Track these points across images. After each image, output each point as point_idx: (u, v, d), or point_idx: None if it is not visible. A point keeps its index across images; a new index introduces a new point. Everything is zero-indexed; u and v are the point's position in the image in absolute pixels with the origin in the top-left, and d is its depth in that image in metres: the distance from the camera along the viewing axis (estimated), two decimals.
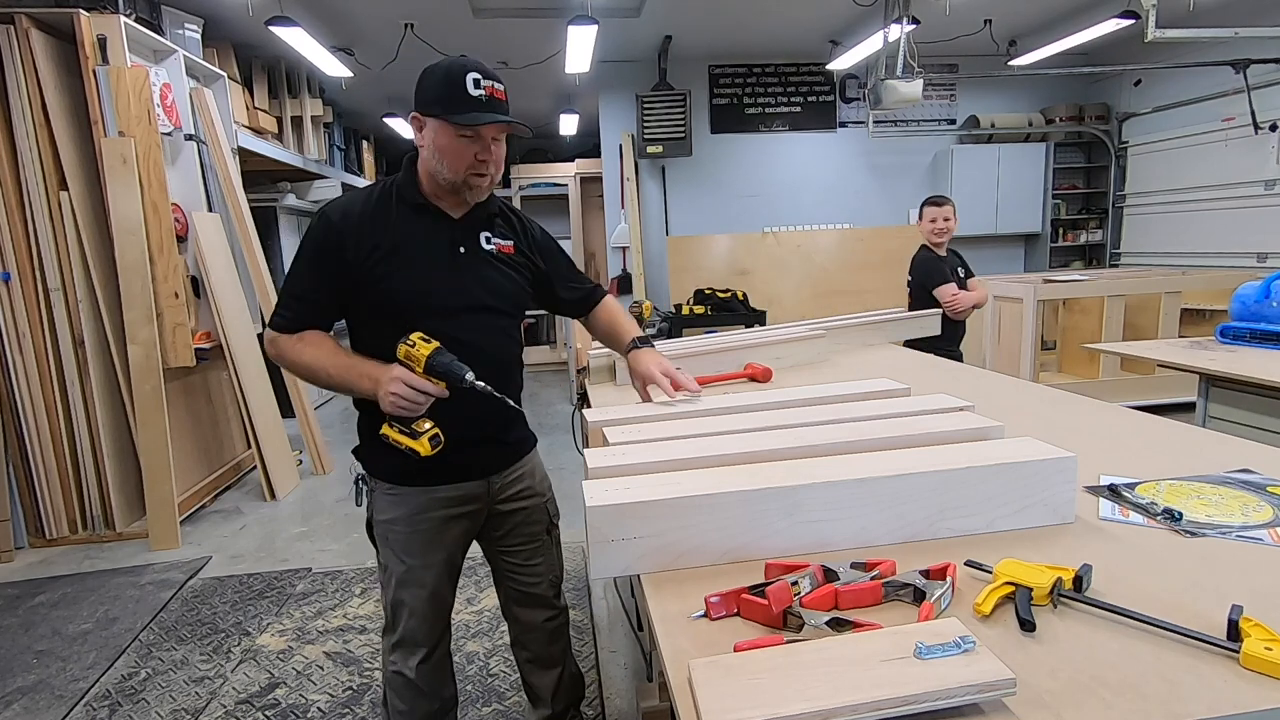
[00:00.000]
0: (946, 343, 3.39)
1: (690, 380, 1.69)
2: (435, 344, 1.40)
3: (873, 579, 0.96)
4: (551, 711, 1.90)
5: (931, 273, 3.51)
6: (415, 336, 1.40)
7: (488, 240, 1.58)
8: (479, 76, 1.40)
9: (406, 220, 1.50)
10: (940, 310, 3.49)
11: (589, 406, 2.00)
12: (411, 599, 1.62)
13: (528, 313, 1.80)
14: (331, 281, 1.49)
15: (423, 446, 1.42)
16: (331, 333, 1.56)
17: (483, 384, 1.40)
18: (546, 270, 1.71)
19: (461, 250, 1.53)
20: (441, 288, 1.50)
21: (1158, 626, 0.84)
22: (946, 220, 3.48)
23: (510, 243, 1.62)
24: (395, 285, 1.47)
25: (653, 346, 1.78)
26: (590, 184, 8.73)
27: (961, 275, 3.53)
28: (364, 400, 1.53)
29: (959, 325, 3.52)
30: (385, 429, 1.44)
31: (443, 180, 1.47)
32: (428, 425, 1.43)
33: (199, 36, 4.66)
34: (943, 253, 3.55)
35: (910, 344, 3.28)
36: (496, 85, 1.43)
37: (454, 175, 1.45)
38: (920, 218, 3.61)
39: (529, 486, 1.73)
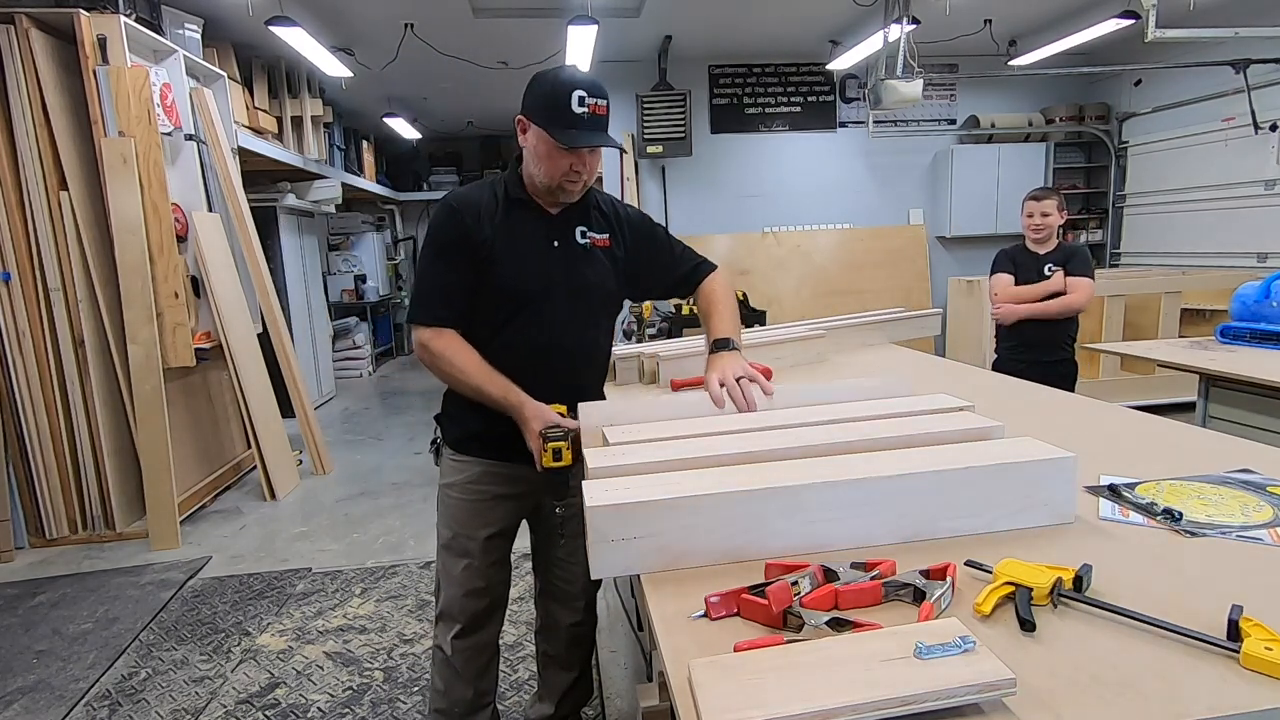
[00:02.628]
0: (1018, 349, 3.18)
1: (752, 400, 1.53)
2: (549, 460, 1.47)
3: (873, 579, 0.96)
4: (555, 712, 1.90)
5: (995, 263, 3.30)
6: (571, 432, 1.48)
7: (583, 235, 1.63)
8: (584, 94, 1.45)
9: (509, 214, 1.57)
10: (938, 311, 3.49)
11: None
12: (452, 567, 1.68)
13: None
14: (462, 265, 1.54)
15: (567, 455, 1.50)
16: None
17: (560, 508, 1.59)
18: (647, 256, 1.75)
19: (555, 244, 1.60)
20: (535, 280, 1.57)
21: (1158, 626, 0.84)
22: (1045, 216, 3.15)
23: (606, 236, 1.67)
24: (496, 273, 1.54)
25: (736, 350, 1.68)
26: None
27: (1048, 272, 3.14)
28: None
29: (1027, 327, 3.17)
30: (544, 460, 1.51)
31: (538, 182, 1.55)
32: (561, 443, 1.50)
33: (199, 36, 4.66)
34: (1043, 249, 3.21)
35: (998, 367, 3.16)
36: (600, 103, 1.48)
37: (549, 180, 1.53)
38: (1022, 212, 3.27)
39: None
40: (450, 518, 1.68)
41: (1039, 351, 3.14)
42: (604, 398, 1.77)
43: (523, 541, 1.81)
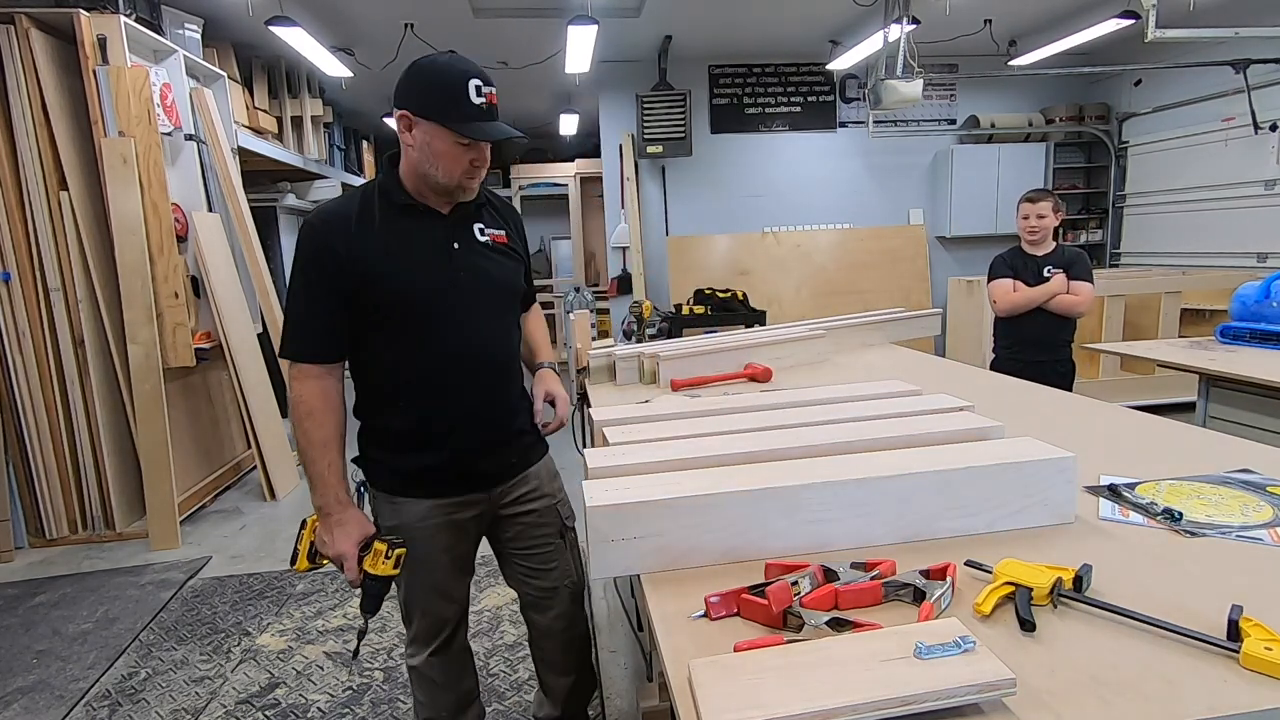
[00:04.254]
0: (1015, 348, 3.18)
1: (561, 418, 1.69)
2: (388, 568, 1.44)
3: (873, 579, 0.96)
4: (561, 714, 1.89)
5: (991, 269, 3.27)
6: (396, 551, 1.44)
7: (481, 232, 1.53)
8: (480, 83, 1.36)
9: (394, 221, 1.45)
10: (938, 311, 3.48)
11: (589, 406, 2.00)
12: (419, 599, 1.63)
13: None
14: (332, 291, 1.40)
15: (303, 564, 1.54)
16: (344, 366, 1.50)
17: (359, 641, 1.56)
18: (526, 265, 1.67)
19: (455, 245, 1.49)
20: (439, 285, 1.45)
21: (1158, 626, 0.84)
22: (1041, 218, 3.13)
23: (502, 231, 1.57)
24: (388, 286, 1.42)
25: (556, 373, 1.77)
26: (590, 184, 8.72)
27: (1047, 275, 3.13)
28: (363, 410, 1.54)
29: (1025, 327, 3.15)
30: (310, 522, 1.51)
31: (434, 183, 1.44)
32: (325, 561, 1.51)
33: (199, 36, 4.66)
34: (1040, 251, 3.20)
35: (996, 366, 3.16)
36: (493, 91, 1.39)
37: (448, 179, 1.42)
38: (1016, 214, 3.26)
39: (535, 488, 1.67)
40: (408, 561, 1.51)
41: (1037, 351, 3.14)
42: (530, 401, 1.69)
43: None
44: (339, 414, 1.45)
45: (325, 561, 1.49)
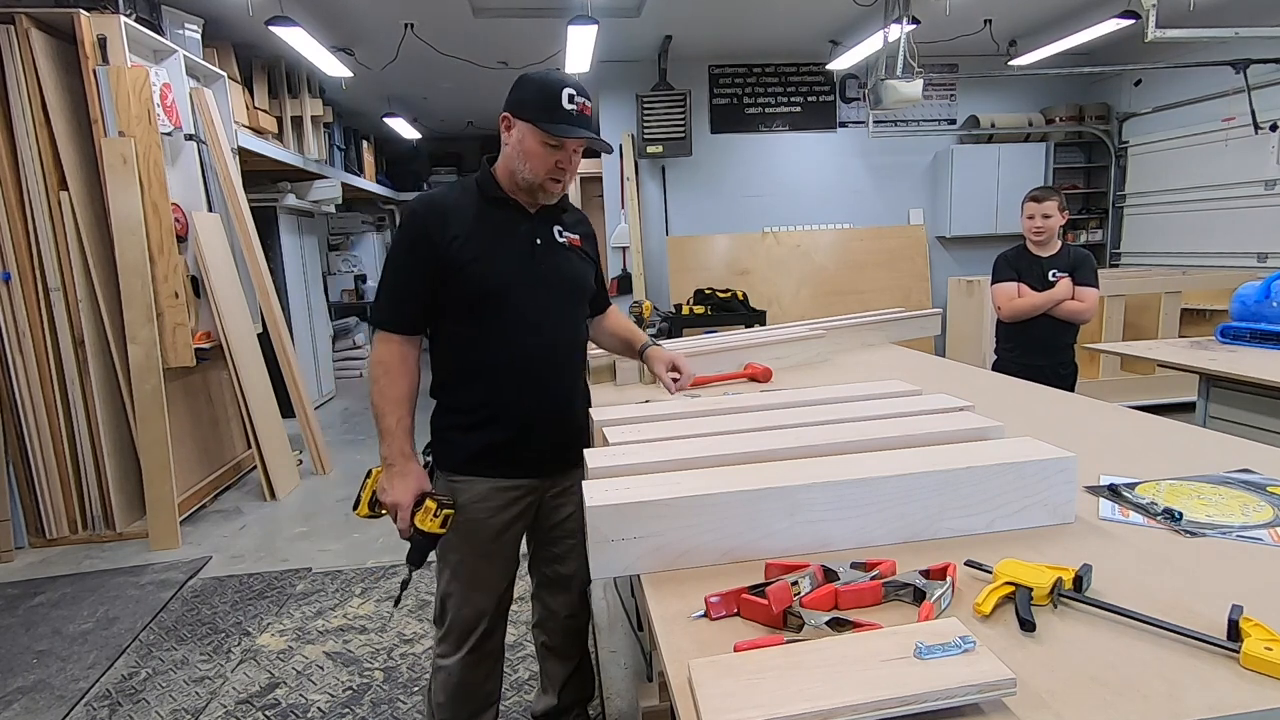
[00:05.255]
0: (1017, 350, 3.14)
1: (688, 379, 1.84)
2: (435, 525, 1.55)
3: (873, 579, 0.96)
4: (559, 703, 1.92)
5: (995, 270, 3.23)
6: (448, 511, 1.56)
7: (560, 233, 1.66)
8: (573, 92, 1.50)
9: (485, 213, 1.58)
10: (938, 311, 3.47)
11: (590, 406, 2.00)
12: (460, 590, 1.67)
13: None
14: (422, 270, 1.54)
15: (363, 511, 1.62)
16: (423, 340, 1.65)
17: (401, 590, 1.70)
18: (597, 271, 1.81)
19: (538, 241, 1.61)
20: (520, 276, 1.57)
21: (1158, 626, 0.84)
22: (1047, 218, 3.06)
23: (578, 236, 1.71)
24: (476, 272, 1.53)
25: (660, 346, 1.95)
26: (590, 184, 8.72)
27: (1052, 278, 3.08)
28: (438, 389, 1.67)
29: (1028, 330, 3.12)
30: (369, 481, 1.62)
31: (521, 180, 1.56)
32: (383, 512, 1.59)
33: (199, 36, 4.66)
34: (1045, 252, 3.13)
35: (997, 368, 3.15)
36: (587, 103, 1.53)
37: (533, 177, 1.54)
38: (1021, 213, 3.19)
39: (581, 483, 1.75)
40: (458, 540, 1.64)
41: (1040, 354, 3.10)
42: (589, 393, 1.83)
43: None
44: (413, 376, 1.58)
45: (383, 511, 1.58)
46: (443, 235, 1.52)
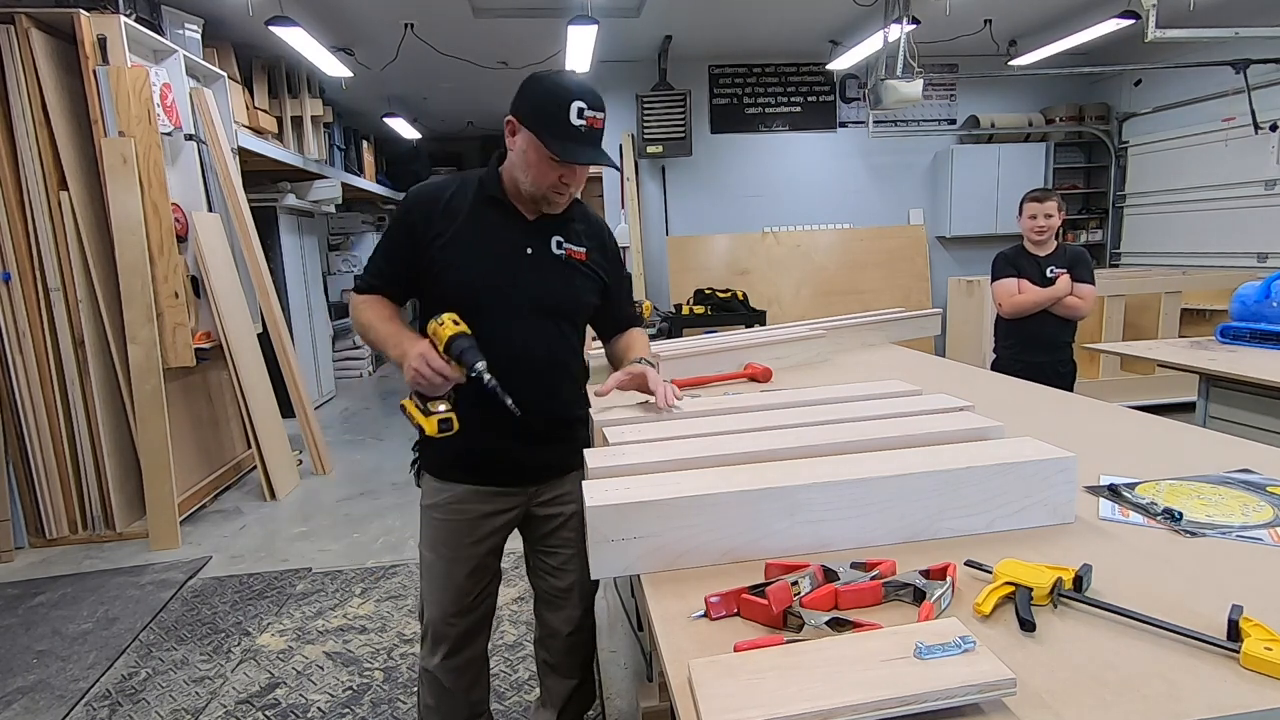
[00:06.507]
0: (1017, 348, 3.17)
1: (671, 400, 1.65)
2: (462, 328, 1.41)
3: (873, 579, 0.96)
4: (558, 718, 1.89)
5: (994, 268, 3.26)
6: (447, 316, 1.42)
7: (559, 245, 1.57)
8: (584, 106, 1.40)
9: (480, 213, 1.52)
10: (938, 311, 3.47)
11: (585, 415, 2.00)
12: (438, 592, 1.64)
13: None
14: (401, 254, 1.54)
15: (430, 425, 1.43)
16: (403, 307, 1.64)
17: (491, 379, 1.39)
18: (610, 286, 1.69)
19: (529, 251, 1.54)
20: (499, 283, 1.51)
21: (1158, 626, 0.84)
22: (1049, 217, 3.11)
23: (584, 249, 1.60)
24: (455, 275, 1.49)
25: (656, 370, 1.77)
26: (590, 183, 8.71)
27: (1051, 275, 3.12)
28: None
29: (1028, 327, 3.15)
30: (405, 401, 1.49)
31: (523, 189, 1.50)
32: (442, 407, 1.44)
33: (199, 36, 4.66)
34: (1043, 252, 3.18)
35: (996, 367, 3.16)
36: (598, 115, 1.43)
37: (534, 189, 1.48)
38: (1020, 214, 3.22)
39: (569, 492, 1.68)
40: (433, 539, 1.63)
41: (1039, 351, 3.13)
42: (588, 403, 1.73)
43: (516, 543, 1.79)
44: (394, 308, 1.59)
45: (441, 409, 1.44)
46: (426, 232, 1.50)
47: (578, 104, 1.40)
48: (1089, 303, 3.12)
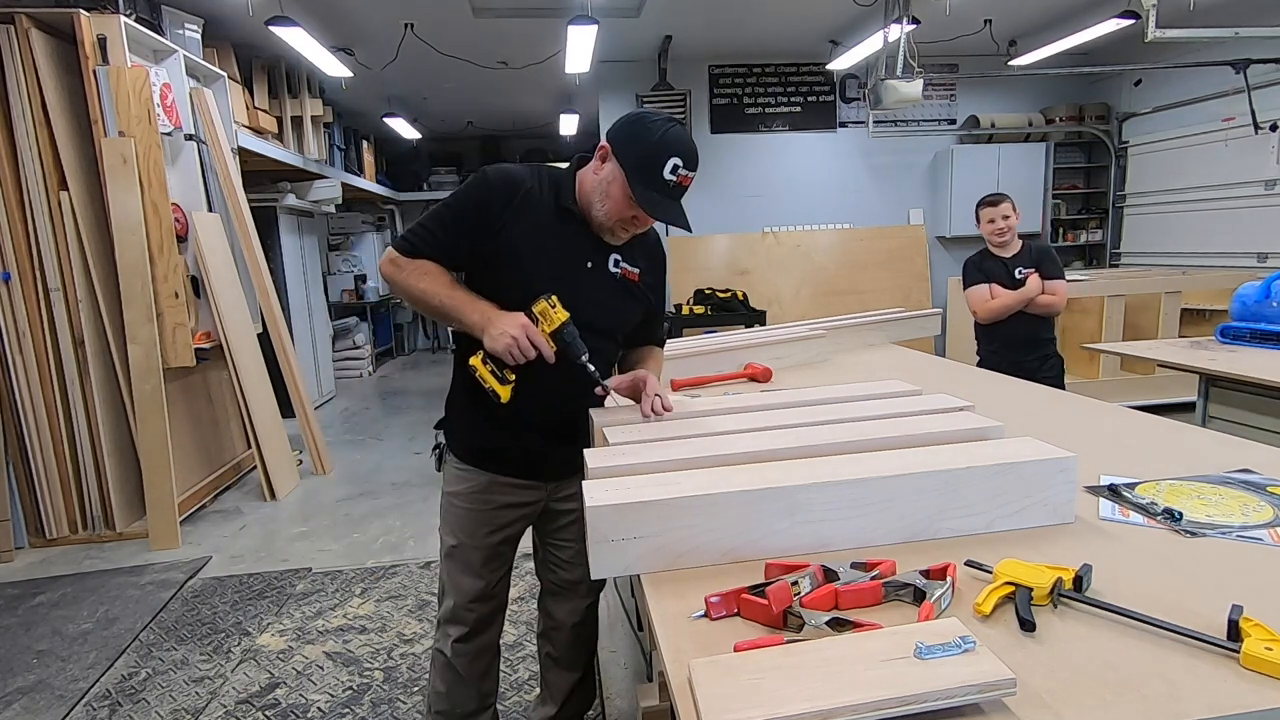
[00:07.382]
0: (1000, 351, 3.18)
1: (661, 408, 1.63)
2: (568, 315, 1.43)
3: (873, 579, 0.96)
4: (558, 714, 1.90)
5: (965, 276, 3.29)
6: (556, 300, 1.43)
7: (616, 263, 1.58)
8: (679, 164, 1.41)
9: (552, 216, 1.51)
10: (938, 311, 3.48)
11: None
12: (457, 574, 1.67)
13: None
14: (465, 228, 1.49)
15: (505, 392, 1.45)
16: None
17: (595, 370, 1.46)
18: (653, 306, 1.72)
19: (589, 265, 1.54)
20: (559, 292, 1.48)
21: (1158, 626, 0.84)
22: (1006, 219, 3.16)
23: (638, 271, 1.61)
24: (517, 272, 1.48)
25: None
26: None
27: (1019, 276, 3.16)
28: (455, 384, 1.64)
29: (1007, 329, 3.18)
30: (476, 361, 1.45)
31: (593, 212, 1.49)
32: (513, 377, 1.46)
33: (199, 36, 4.66)
34: (1008, 253, 3.22)
35: (982, 363, 3.16)
36: (690, 175, 1.43)
37: (604, 219, 1.48)
38: (978, 221, 3.28)
39: None
40: (456, 525, 1.66)
41: (1022, 351, 3.16)
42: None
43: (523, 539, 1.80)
44: (454, 277, 1.52)
45: (513, 376, 1.45)
46: (500, 216, 1.47)
47: (674, 160, 1.40)
48: (1062, 297, 3.16)
